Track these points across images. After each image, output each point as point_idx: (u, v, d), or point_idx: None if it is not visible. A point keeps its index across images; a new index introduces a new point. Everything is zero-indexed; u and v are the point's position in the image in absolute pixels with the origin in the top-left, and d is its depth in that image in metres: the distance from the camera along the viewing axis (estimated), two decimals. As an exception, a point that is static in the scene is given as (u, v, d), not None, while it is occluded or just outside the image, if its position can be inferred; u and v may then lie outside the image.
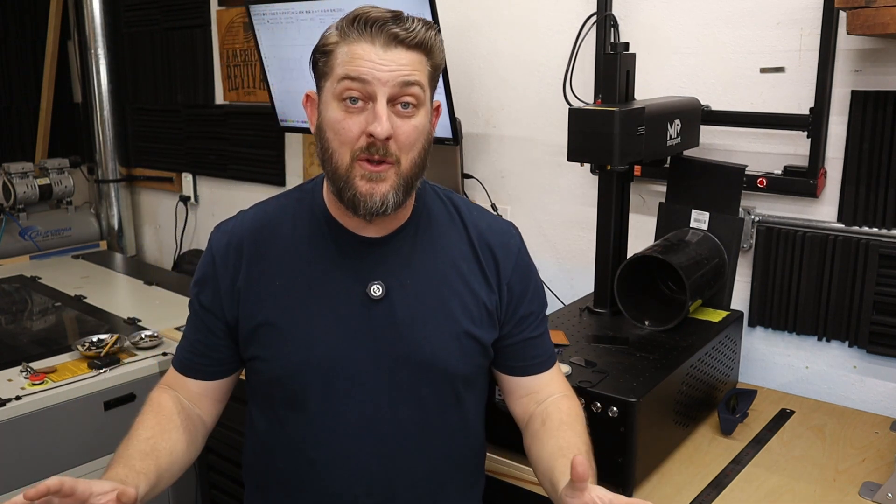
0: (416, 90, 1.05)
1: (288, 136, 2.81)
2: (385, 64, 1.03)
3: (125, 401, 1.94)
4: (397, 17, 1.06)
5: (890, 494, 1.27)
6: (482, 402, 1.28)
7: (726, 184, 1.66)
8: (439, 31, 1.11)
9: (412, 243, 1.18)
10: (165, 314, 2.32)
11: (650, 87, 1.85)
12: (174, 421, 1.17)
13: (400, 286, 1.15)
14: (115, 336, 2.05)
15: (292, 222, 1.18)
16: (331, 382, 1.14)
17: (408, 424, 1.16)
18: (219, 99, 3.06)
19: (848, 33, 1.34)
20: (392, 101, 1.04)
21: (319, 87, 1.11)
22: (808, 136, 1.67)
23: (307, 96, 1.15)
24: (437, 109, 1.16)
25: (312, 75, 1.13)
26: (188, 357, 1.23)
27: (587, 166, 2.00)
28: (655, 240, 1.73)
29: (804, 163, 1.68)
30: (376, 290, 1.14)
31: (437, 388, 1.18)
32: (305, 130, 2.54)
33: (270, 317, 1.14)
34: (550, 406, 1.22)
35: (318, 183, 1.21)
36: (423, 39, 1.06)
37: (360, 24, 1.04)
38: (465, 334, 1.17)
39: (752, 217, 1.76)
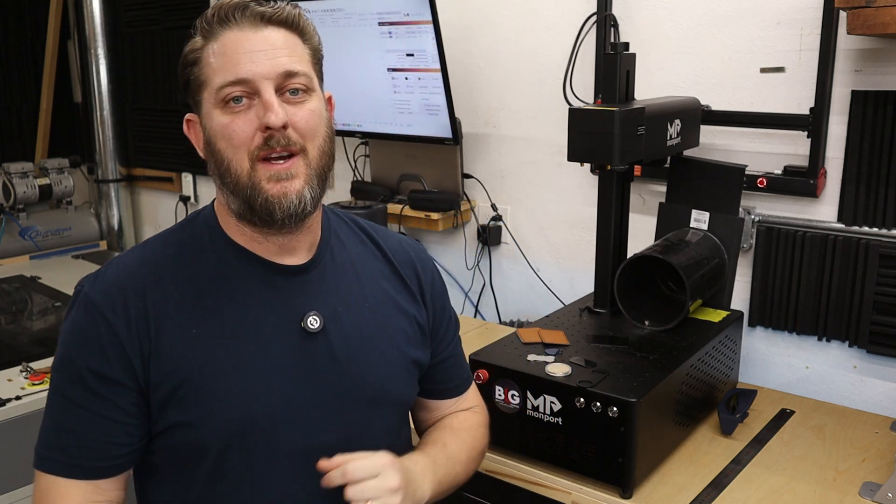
0: (301, 79, 0.97)
1: (288, 136, 2.80)
2: (260, 49, 0.95)
3: (125, 401, 1.94)
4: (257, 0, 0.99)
5: (890, 494, 1.27)
6: (409, 427, 1.22)
7: (726, 184, 1.66)
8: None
9: (333, 268, 1.08)
10: (165, 314, 2.32)
11: (650, 87, 1.85)
12: None
13: (334, 316, 1.04)
14: (115, 336, 2.05)
15: (195, 260, 1.02)
16: (276, 438, 0.99)
17: None
18: (219, 99, 3.05)
19: (848, 33, 1.34)
20: (279, 90, 0.96)
21: (197, 102, 1.00)
22: (808, 136, 1.67)
23: (187, 121, 1.04)
24: (329, 101, 1.06)
25: (186, 95, 1.02)
26: (88, 455, 0.96)
27: (587, 166, 2.00)
28: (655, 240, 1.72)
29: (804, 163, 1.68)
30: (314, 322, 1.02)
31: (388, 423, 1.10)
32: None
33: (192, 373, 0.96)
34: (451, 416, 1.21)
35: (208, 214, 1.07)
36: (291, 16, 0.99)
37: (221, 15, 0.96)
38: (411, 362, 1.12)
39: (752, 217, 1.76)
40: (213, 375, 0.97)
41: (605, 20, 1.91)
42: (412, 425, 1.26)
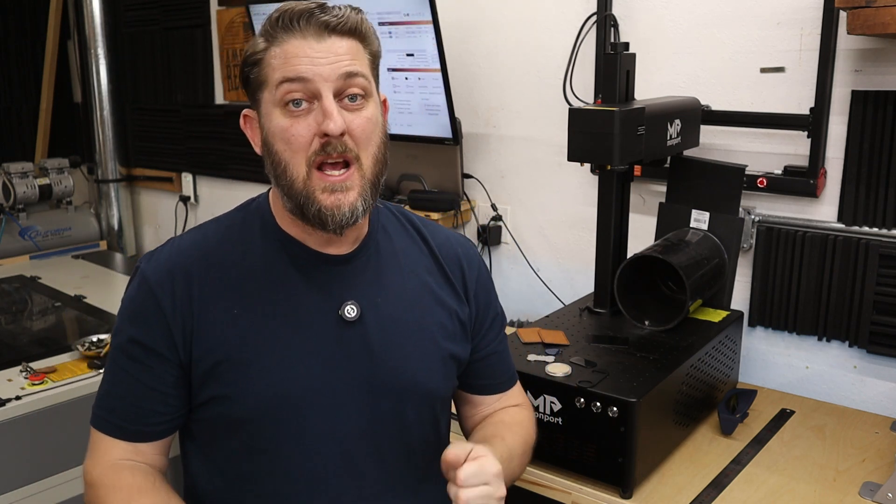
0: (360, 81, 0.99)
1: (288, 136, 2.80)
2: (322, 56, 0.97)
3: (125, 401, 1.94)
4: (322, 6, 0.99)
5: (890, 494, 1.27)
6: (449, 420, 1.23)
7: (726, 184, 1.66)
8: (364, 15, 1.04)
9: (376, 259, 1.10)
10: (165, 314, 2.32)
11: (650, 87, 1.85)
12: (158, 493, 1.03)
13: (372, 306, 1.07)
14: (115, 336, 2.05)
15: (242, 245, 1.07)
16: (306, 418, 1.03)
17: (391, 457, 1.08)
18: (219, 99, 3.05)
19: (848, 33, 1.34)
20: (338, 95, 0.98)
21: (257, 101, 1.02)
22: (808, 136, 1.67)
23: (244, 116, 1.06)
24: (384, 104, 1.08)
25: (245, 92, 1.05)
26: (130, 418, 1.05)
27: (587, 166, 2.00)
28: (655, 240, 1.73)
29: (804, 163, 1.68)
30: (350, 310, 1.05)
31: (419, 414, 1.11)
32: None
33: (232, 350, 1.02)
34: (501, 412, 1.21)
35: (262, 202, 1.11)
36: (356, 24, 1.00)
37: (286, 21, 0.97)
38: (448, 356, 1.12)
39: (752, 217, 1.76)
40: (250, 354, 1.02)
41: (605, 20, 1.91)
42: (458, 419, 1.26)
